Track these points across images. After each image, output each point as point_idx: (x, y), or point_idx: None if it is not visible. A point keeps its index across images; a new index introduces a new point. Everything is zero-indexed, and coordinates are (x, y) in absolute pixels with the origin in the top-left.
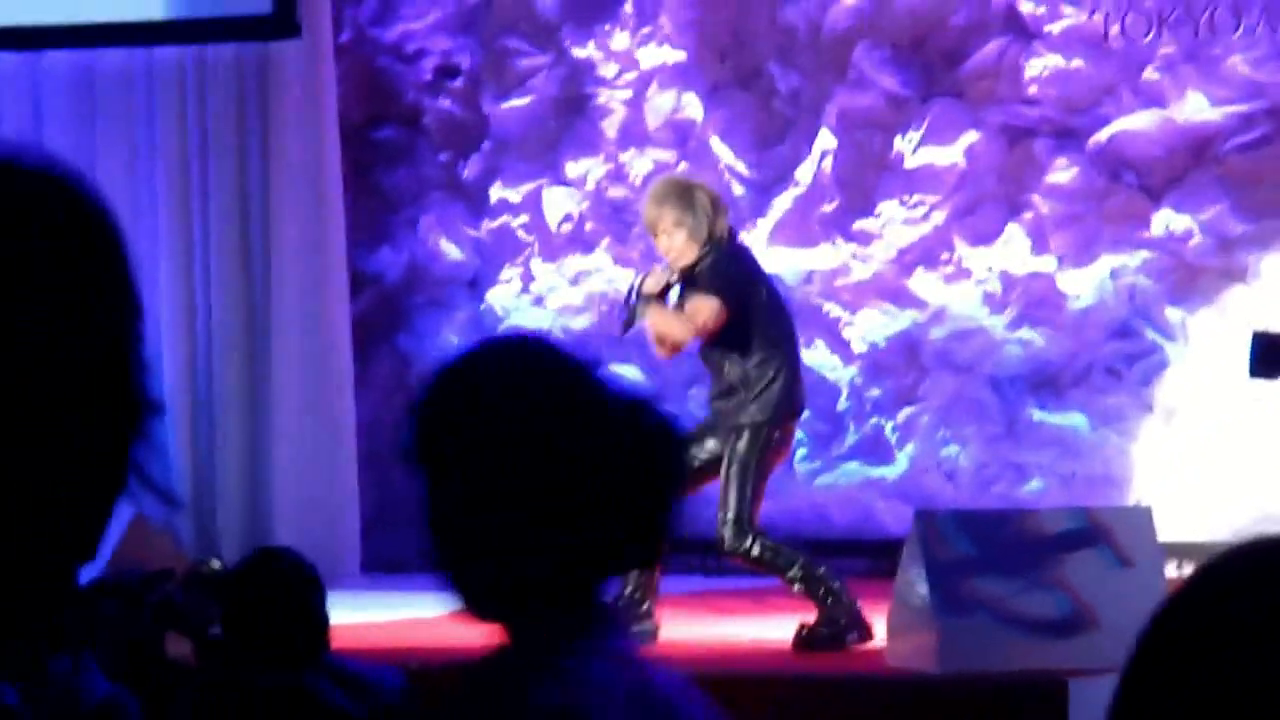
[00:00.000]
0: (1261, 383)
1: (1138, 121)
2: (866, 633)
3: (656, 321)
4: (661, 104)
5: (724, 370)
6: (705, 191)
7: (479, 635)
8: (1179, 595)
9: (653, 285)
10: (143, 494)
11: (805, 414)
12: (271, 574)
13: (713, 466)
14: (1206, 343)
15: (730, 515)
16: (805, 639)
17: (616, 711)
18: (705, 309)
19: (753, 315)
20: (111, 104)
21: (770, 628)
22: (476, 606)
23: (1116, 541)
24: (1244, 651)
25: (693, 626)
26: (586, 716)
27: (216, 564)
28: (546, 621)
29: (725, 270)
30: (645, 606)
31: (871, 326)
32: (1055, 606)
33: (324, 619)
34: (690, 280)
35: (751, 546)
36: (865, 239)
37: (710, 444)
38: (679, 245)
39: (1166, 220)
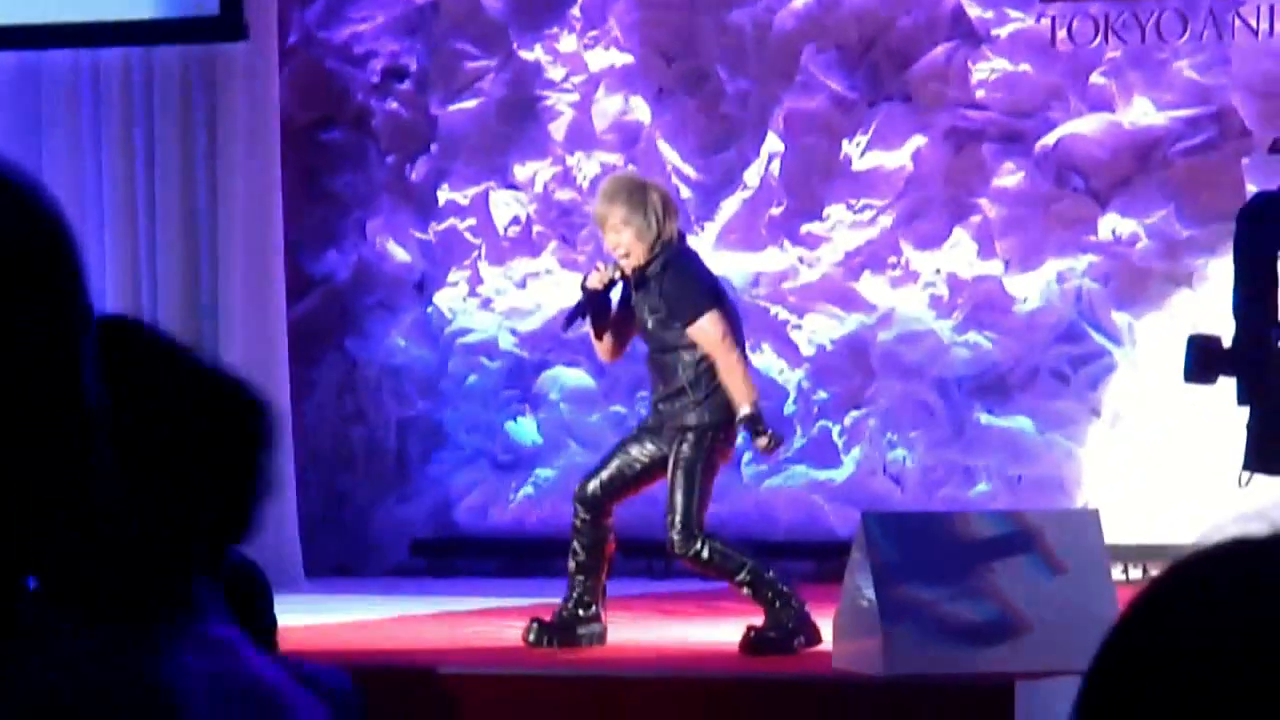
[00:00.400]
0: (1196, 387)
1: (1084, 125)
2: (814, 636)
3: (732, 380)
4: (609, 107)
5: (674, 372)
6: (657, 192)
7: (423, 637)
8: (1146, 597)
9: (596, 281)
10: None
11: None
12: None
13: (655, 468)
14: (1153, 347)
15: (678, 518)
16: (754, 642)
17: (199, 700)
18: (712, 329)
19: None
20: (57, 105)
21: (718, 631)
22: (54, 582)
23: (1047, 547)
24: (1211, 661)
25: (641, 629)
26: (146, 703)
27: None
28: (125, 602)
29: (694, 274)
30: (593, 609)
31: (819, 329)
32: (985, 612)
33: (272, 621)
34: (641, 281)
35: (701, 549)
36: (813, 242)
37: (651, 446)
38: (626, 243)
39: (1113, 224)
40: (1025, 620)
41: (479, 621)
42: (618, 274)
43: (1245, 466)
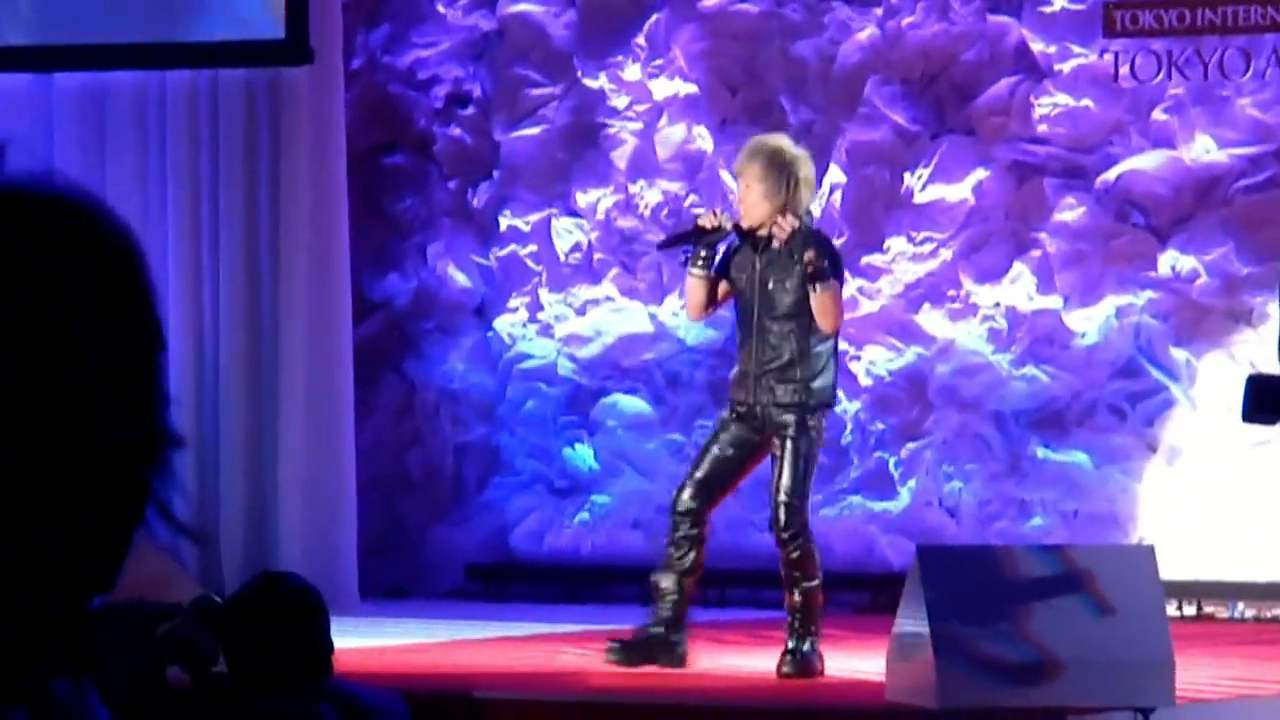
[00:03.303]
0: (1255, 427)
1: (1146, 162)
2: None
3: (827, 301)
4: (672, 135)
5: (785, 341)
6: (801, 163)
7: (476, 662)
8: None
9: (707, 221)
10: (161, 526)
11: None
12: (275, 598)
13: (749, 459)
14: (1211, 383)
15: (785, 497)
16: (799, 663)
17: None
18: (838, 300)
19: None
20: (123, 127)
21: (769, 660)
22: None
23: (1097, 588)
24: None
25: (692, 657)
26: None
27: (220, 600)
28: None
29: (835, 249)
30: (680, 628)
31: (877, 361)
32: (1019, 652)
33: (328, 644)
34: (765, 244)
35: (800, 534)
36: (873, 274)
37: (740, 433)
38: (752, 199)
39: (1173, 260)
40: (1056, 663)
41: (533, 647)
42: (730, 225)
43: None
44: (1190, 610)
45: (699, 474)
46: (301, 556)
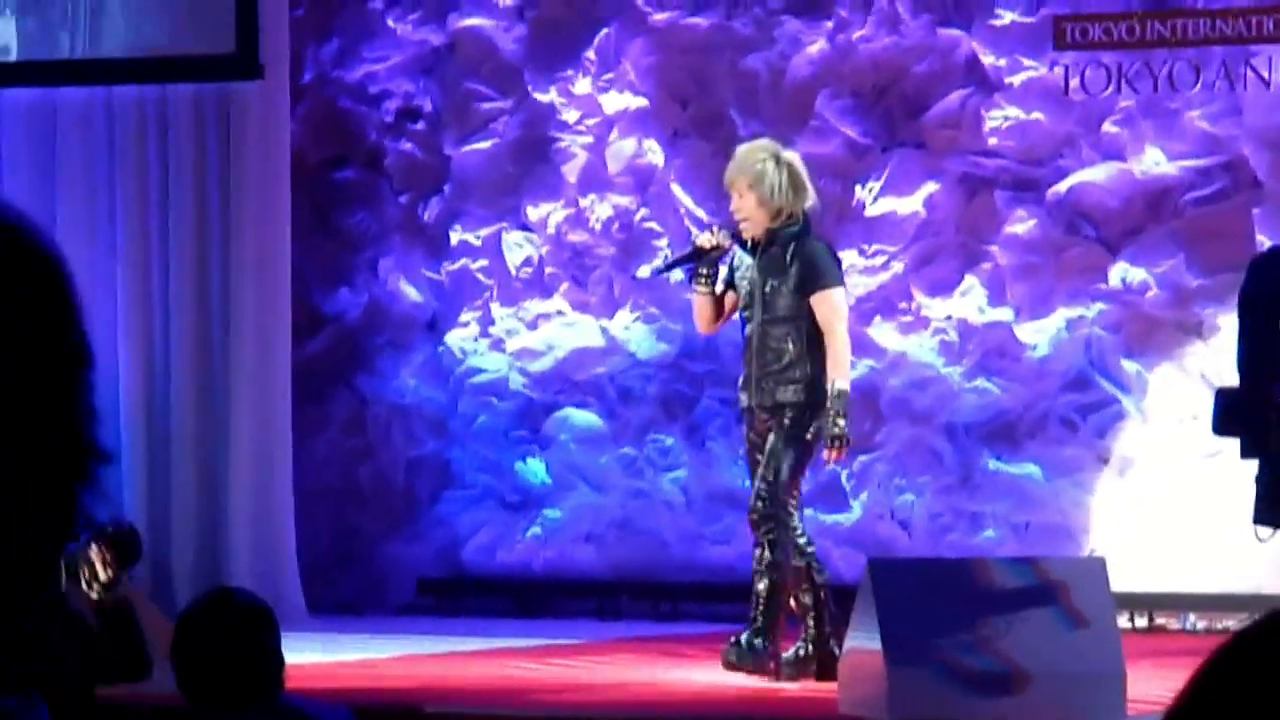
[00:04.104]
0: (1223, 439)
1: (1096, 174)
2: (780, 675)
3: (842, 355)
4: (623, 149)
5: (784, 344)
6: (789, 165)
7: (428, 676)
8: (1242, 642)
9: (705, 241)
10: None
11: None
12: (225, 614)
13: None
14: (1162, 395)
15: (765, 488)
16: (747, 651)
17: None
18: (840, 304)
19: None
20: (72, 142)
21: (724, 674)
22: None
23: (1070, 601)
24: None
25: (647, 671)
26: None
27: (124, 527)
28: None
29: (830, 251)
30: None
31: None
32: (985, 663)
33: (279, 659)
34: (764, 249)
35: (774, 528)
36: None
37: (755, 436)
38: (747, 208)
39: (1123, 273)
40: (1026, 674)
41: (484, 662)
42: (729, 242)
43: (1255, 520)
44: (1142, 622)
45: (754, 485)
46: (250, 572)
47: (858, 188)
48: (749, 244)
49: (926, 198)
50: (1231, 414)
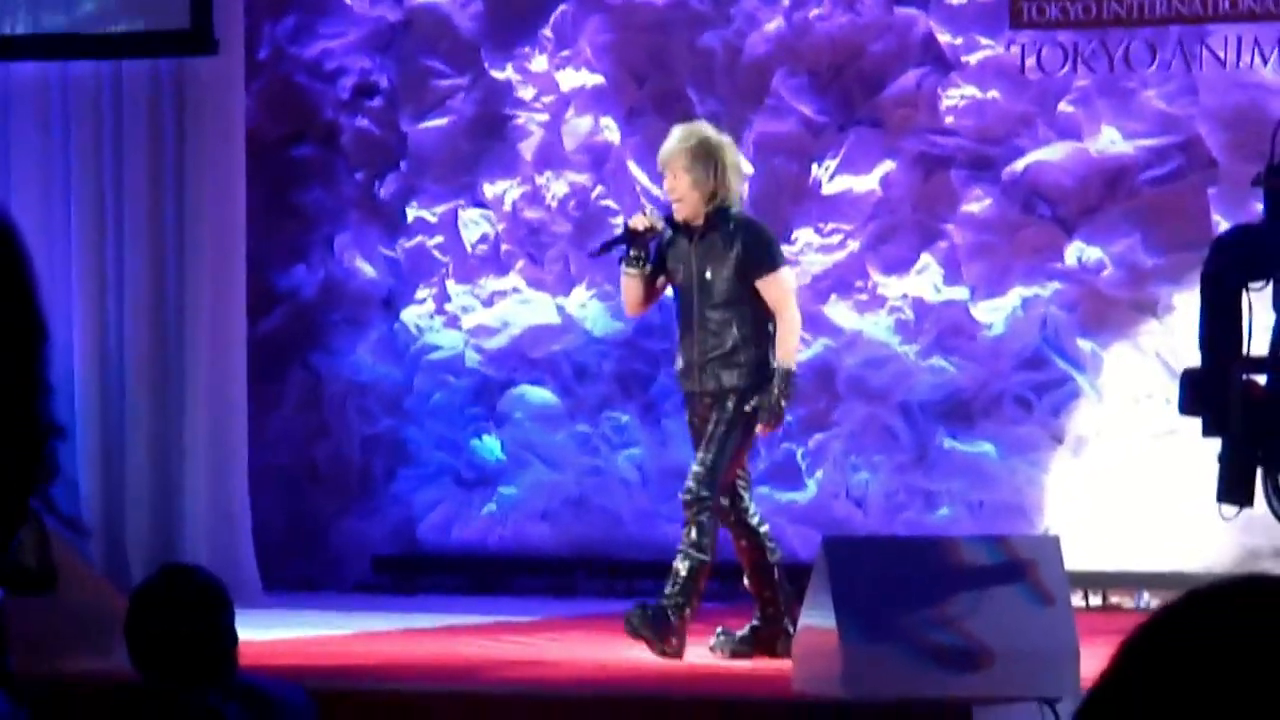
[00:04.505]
0: (1179, 419)
1: (1052, 153)
2: (680, 650)
3: (791, 336)
4: (579, 127)
5: (728, 328)
6: (726, 149)
7: (383, 654)
8: (1162, 621)
9: (638, 223)
10: (47, 517)
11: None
12: (178, 591)
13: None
14: (1117, 374)
15: (701, 470)
16: (650, 619)
17: None
18: (789, 283)
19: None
20: (25, 117)
21: (705, 654)
22: None
23: (1038, 577)
24: (1210, 688)
25: (600, 648)
26: None
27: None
28: None
29: (772, 233)
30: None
31: None
32: (948, 639)
33: (233, 637)
34: (701, 233)
35: (703, 513)
36: None
37: (698, 419)
38: (682, 189)
39: (1079, 252)
40: (989, 653)
41: (440, 640)
42: (661, 224)
43: (1219, 499)
44: (1096, 600)
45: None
46: (206, 550)
47: (814, 166)
48: (686, 229)
49: (883, 176)
50: (1196, 394)
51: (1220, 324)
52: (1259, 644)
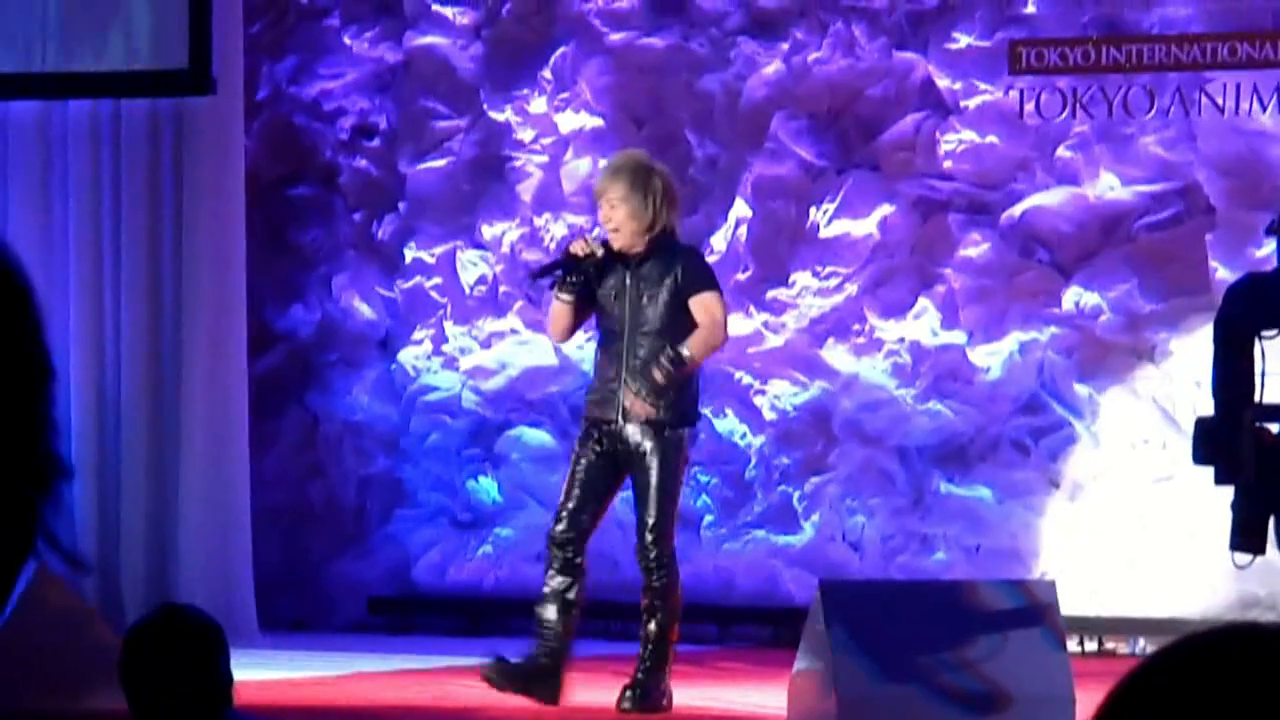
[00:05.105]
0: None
1: (1050, 198)
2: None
3: (699, 348)
4: (578, 169)
5: (651, 362)
6: (661, 178)
7: (378, 696)
8: (1155, 667)
9: (579, 249)
10: (49, 554)
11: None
12: (174, 632)
13: (617, 483)
14: (1113, 419)
15: (657, 523)
16: (639, 697)
17: None
18: (721, 305)
19: (691, 319)
20: (23, 155)
21: (682, 695)
22: None
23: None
24: None
25: (598, 691)
26: None
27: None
28: None
29: (707, 263)
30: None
31: (782, 395)
32: (970, 684)
33: (227, 677)
34: (636, 263)
35: (667, 573)
36: (778, 308)
37: (606, 459)
38: (618, 219)
39: (1077, 297)
40: (1006, 694)
41: (434, 681)
42: (601, 250)
43: (1232, 547)
44: (1091, 646)
45: (571, 504)
46: (202, 589)
47: (812, 209)
48: (617, 256)
49: (881, 220)
50: (1208, 442)
51: (1233, 372)
52: (1252, 692)
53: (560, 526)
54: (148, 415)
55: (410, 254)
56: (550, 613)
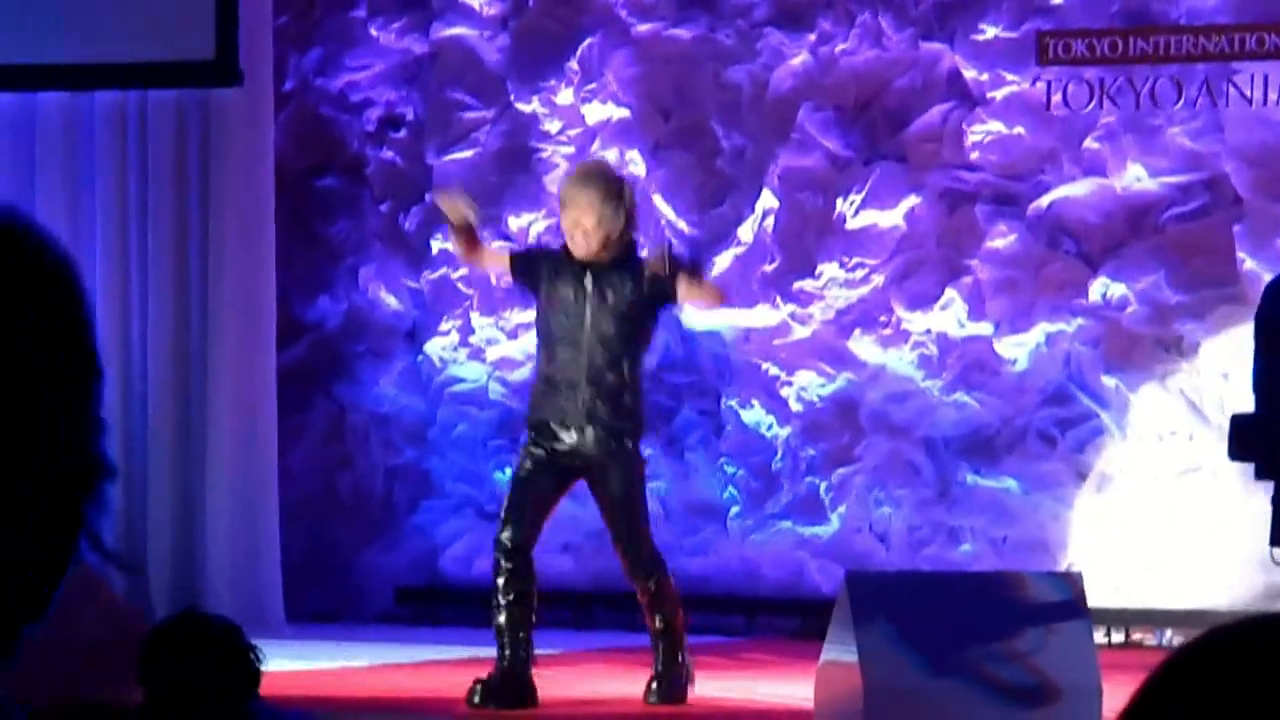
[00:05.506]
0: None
1: (1077, 190)
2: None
3: (695, 292)
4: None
5: (618, 374)
6: (629, 188)
7: (404, 686)
8: (1185, 658)
9: (449, 209)
10: (93, 554)
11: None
12: (194, 633)
13: (561, 493)
14: (1140, 411)
15: (646, 540)
16: (668, 691)
17: None
18: (705, 287)
19: (652, 336)
20: (50, 146)
21: (707, 687)
22: None
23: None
24: None
25: (623, 681)
26: None
27: None
28: None
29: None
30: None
31: (809, 386)
32: (1020, 677)
33: (251, 671)
34: (601, 271)
35: (664, 573)
36: (805, 299)
37: (552, 475)
38: (588, 225)
39: (1103, 288)
40: (1056, 686)
41: (461, 671)
42: (473, 215)
43: (1272, 542)
44: (1118, 637)
45: (518, 512)
46: (229, 581)
47: (839, 200)
48: (575, 263)
49: (907, 211)
50: (1246, 437)
51: (1273, 366)
52: None
53: (508, 534)
54: (175, 408)
55: (437, 245)
56: (507, 619)
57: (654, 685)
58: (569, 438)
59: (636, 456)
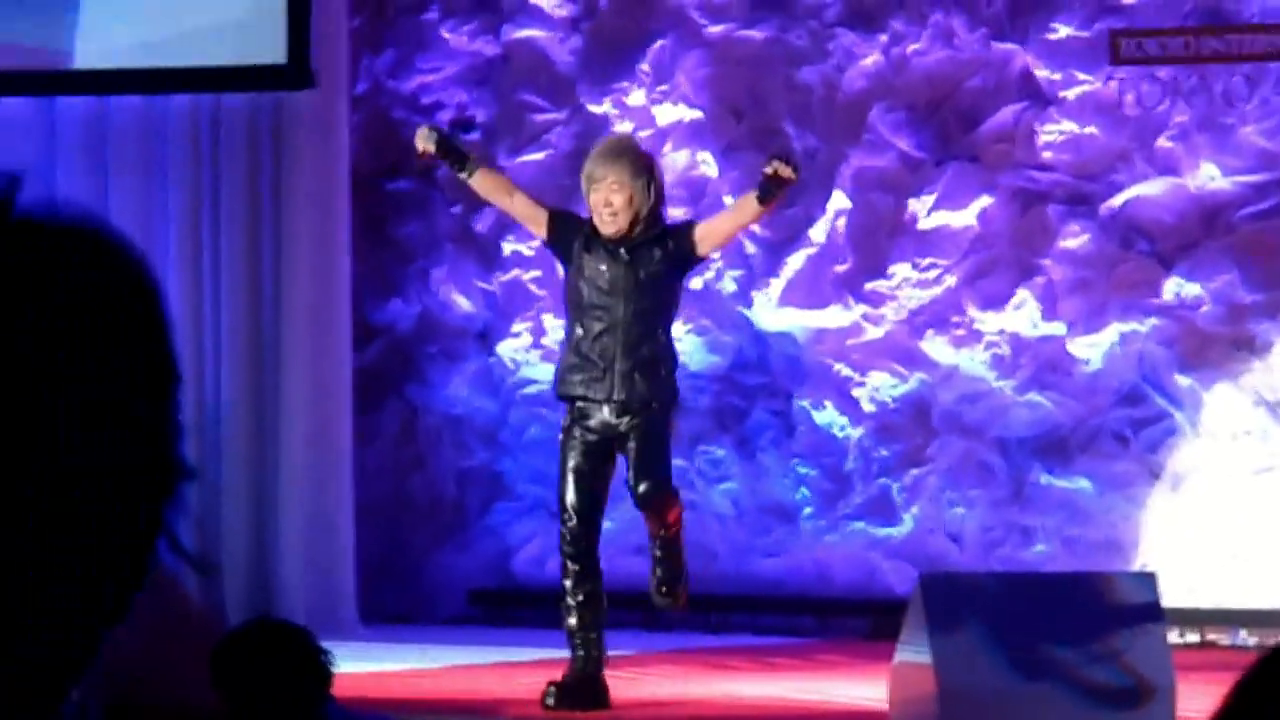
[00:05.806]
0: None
1: (1150, 189)
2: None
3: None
4: (676, 161)
5: (649, 339)
6: (658, 164)
7: (478, 687)
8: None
9: (423, 142)
10: (172, 558)
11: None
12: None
13: (610, 472)
14: (1215, 411)
15: (658, 474)
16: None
17: None
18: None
19: (680, 300)
20: (125, 151)
21: (769, 688)
22: None
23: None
24: None
25: (695, 683)
26: None
27: None
28: None
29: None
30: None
31: (881, 387)
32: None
33: (323, 674)
34: (633, 248)
35: (677, 495)
36: (877, 300)
37: (597, 453)
38: (619, 204)
39: (1177, 288)
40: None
41: (534, 672)
42: (433, 146)
43: None
44: (1193, 638)
45: (575, 498)
46: (303, 583)
47: (911, 201)
48: (605, 240)
49: (980, 211)
50: None
51: None
52: None
53: (573, 525)
54: (249, 410)
55: (509, 247)
56: (578, 621)
57: (663, 588)
58: (606, 414)
59: (664, 417)
